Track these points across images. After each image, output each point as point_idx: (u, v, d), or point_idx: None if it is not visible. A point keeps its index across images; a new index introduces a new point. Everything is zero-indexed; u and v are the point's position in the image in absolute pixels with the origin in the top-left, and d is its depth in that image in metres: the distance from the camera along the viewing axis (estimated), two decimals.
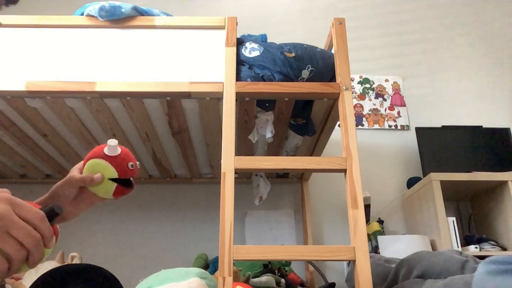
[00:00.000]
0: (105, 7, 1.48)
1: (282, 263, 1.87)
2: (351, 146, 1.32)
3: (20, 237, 0.51)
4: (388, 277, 1.34)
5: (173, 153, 1.99)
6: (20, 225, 0.51)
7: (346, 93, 1.40)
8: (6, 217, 0.50)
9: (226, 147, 1.31)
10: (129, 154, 0.90)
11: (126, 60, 1.46)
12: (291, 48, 1.48)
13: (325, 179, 2.34)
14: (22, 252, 0.51)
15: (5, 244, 0.50)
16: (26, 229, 0.51)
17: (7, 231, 0.50)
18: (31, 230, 0.52)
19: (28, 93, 1.41)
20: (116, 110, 1.56)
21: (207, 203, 2.29)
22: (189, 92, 1.40)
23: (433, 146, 2.24)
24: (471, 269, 1.14)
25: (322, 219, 2.28)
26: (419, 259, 1.27)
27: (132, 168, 0.84)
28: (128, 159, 0.89)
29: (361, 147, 2.38)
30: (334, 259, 1.23)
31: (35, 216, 0.53)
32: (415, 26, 2.77)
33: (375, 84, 2.58)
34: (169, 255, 2.18)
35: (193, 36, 1.50)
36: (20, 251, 0.51)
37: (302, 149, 1.95)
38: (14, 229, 0.50)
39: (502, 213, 2.00)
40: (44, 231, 0.54)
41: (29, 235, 0.52)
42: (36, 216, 0.53)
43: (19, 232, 0.51)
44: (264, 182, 1.96)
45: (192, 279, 1.20)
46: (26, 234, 0.51)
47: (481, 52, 2.72)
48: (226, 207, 1.22)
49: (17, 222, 0.51)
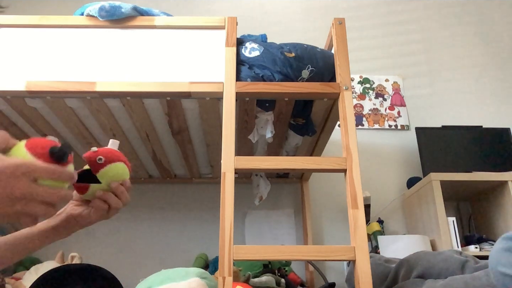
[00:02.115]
0: (105, 7, 1.48)
1: (282, 263, 1.87)
2: (351, 146, 1.32)
3: (46, 199, 0.58)
4: (388, 277, 1.34)
5: (173, 153, 1.99)
6: (41, 192, 0.57)
7: (346, 93, 1.40)
8: (28, 192, 0.56)
9: (226, 147, 1.31)
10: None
11: (126, 60, 1.46)
12: (291, 48, 1.48)
13: (325, 179, 2.34)
14: (50, 209, 0.59)
15: (35, 210, 0.57)
16: (47, 192, 0.58)
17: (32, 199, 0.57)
18: (52, 192, 0.58)
19: (28, 93, 1.41)
20: (116, 110, 1.56)
21: (207, 203, 2.29)
22: (189, 92, 1.40)
23: (433, 146, 2.24)
24: (471, 269, 1.14)
25: (322, 219, 2.28)
26: (419, 259, 1.27)
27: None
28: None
29: (361, 147, 2.38)
30: (334, 259, 1.23)
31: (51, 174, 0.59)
32: (415, 26, 2.77)
33: (375, 84, 2.58)
34: (169, 255, 2.18)
35: (193, 36, 1.50)
36: (47, 209, 0.58)
37: (302, 149, 1.95)
38: (39, 196, 0.57)
39: (502, 213, 2.00)
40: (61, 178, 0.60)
41: (53, 196, 0.58)
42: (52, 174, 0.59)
43: (43, 197, 0.57)
44: (264, 182, 1.96)
45: (192, 279, 1.20)
46: (50, 196, 0.58)
47: (481, 52, 2.72)
48: (226, 207, 1.22)
49: (39, 191, 0.57)
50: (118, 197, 0.77)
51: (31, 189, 0.56)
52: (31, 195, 0.56)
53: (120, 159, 0.78)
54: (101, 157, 0.74)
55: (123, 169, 0.78)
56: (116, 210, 0.78)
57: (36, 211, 0.57)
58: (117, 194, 0.77)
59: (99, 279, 0.93)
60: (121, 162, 0.78)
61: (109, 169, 0.76)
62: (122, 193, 0.77)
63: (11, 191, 0.54)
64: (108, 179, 0.76)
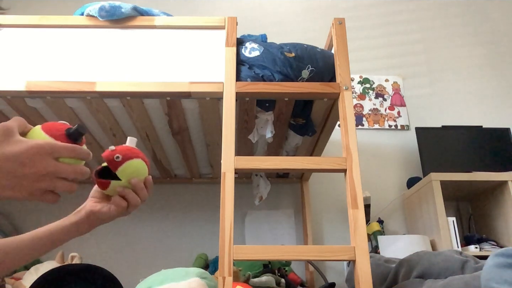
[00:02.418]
0: (105, 7, 1.48)
1: (282, 263, 1.87)
2: (351, 146, 1.32)
3: (68, 176, 0.62)
4: (388, 277, 1.34)
5: (173, 153, 1.99)
6: (63, 168, 0.61)
7: (346, 93, 1.40)
8: (52, 170, 0.60)
9: (226, 147, 1.31)
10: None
11: (126, 60, 1.46)
12: (291, 48, 1.48)
13: (325, 179, 2.34)
14: (72, 186, 0.63)
15: (58, 186, 0.62)
16: (69, 169, 0.62)
17: (55, 176, 0.61)
18: (73, 168, 0.63)
19: (28, 93, 1.41)
20: (116, 110, 1.56)
21: (207, 203, 2.29)
22: (189, 92, 1.40)
23: (433, 146, 2.24)
24: (471, 269, 1.14)
25: (322, 219, 2.28)
26: (419, 259, 1.27)
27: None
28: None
29: (361, 147, 2.38)
30: (334, 259, 1.23)
31: (70, 152, 0.63)
32: (415, 26, 2.77)
33: (375, 84, 2.58)
34: (169, 255, 2.18)
35: (193, 36, 1.50)
36: (70, 185, 0.63)
37: (302, 149, 1.95)
38: (61, 173, 0.61)
39: (502, 213, 2.00)
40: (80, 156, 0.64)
41: (74, 172, 0.63)
42: (72, 152, 0.63)
43: (65, 174, 0.62)
44: (264, 182, 1.96)
45: (192, 279, 1.20)
46: (71, 172, 0.62)
47: (481, 52, 2.72)
48: (226, 207, 1.22)
49: (62, 168, 0.61)
50: (137, 193, 0.79)
51: (55, 166, 0.60)
52: (55, 172, 0.60)
53: (138, 156, 0.80)
54: (118, 155, 0.77)
55: (141, 165, 0.80)
56: (135, 206, 0.80)
57: (60, 186, 0.62)
58: (136, 191, 0.79)
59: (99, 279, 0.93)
60: (139, 159, 0.80)
61: (127, 166, 0.77)
62: (141, 189, 0.79)
63: (37, 170, 0.58)
64: (127, 176, 0.78)
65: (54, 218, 0.85)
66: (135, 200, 0.79)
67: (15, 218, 2.19)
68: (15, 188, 0.58)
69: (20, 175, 0.57)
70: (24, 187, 0.58)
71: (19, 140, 0.59)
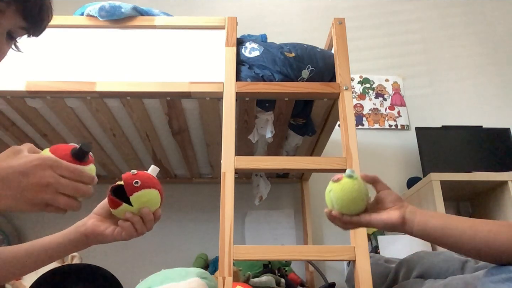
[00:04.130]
0: (105, 7, 1.48)
1: (282, 263, 1.87)
2: (351, 146, 1.32)
3: (68, 192, 0.62)
4: (388, 277, 1.34)
5: (173, 153, 1.99)
6: (66, 184, 0.62)
7: (346, 93, 1.40)
8: (53, 183, 0.60)
9: (226, 147, 1.31)
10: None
11: (126, 60, 1.46)
12: (291, 48, 1.48)
13: (325, 179, 2.32)
14: (74, 203, 0.63)
15: (59, 201, 0.61)
16: (71, 185, 0.62)
17: (57, 191, 0.61)
18: (75, 185, 0.63)
19: (28, 93, 1.41)
20: (116, 110, 1.56)
21: (207, 203, 2.29)
22: (189, 92, 1.40)
23: (433, 146, 2.24)
24: (471, 269, 1.14)
25: (322, 219, 2.28)
26: (419, 259, 1.27)
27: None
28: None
29: (361, 147, 2.37)
30: (334, 259, 1.23)
31: (74, 174, 0.63)
32: (415, 26, 2.77)
33: (375, 84, 2.58)
34: (169, 255, 2.18)
35: (193, 36, 1.50)
36: (71, 202, 0.63)
37: (302, 149, 1.95)
38: (62, 189, 0.61)
39: (502, 213, 2.00)
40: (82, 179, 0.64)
41: (74, 190, 0.63)
42: (75, 173, 0.63)
43: (67, 190, 0.62)
44: (264, 182, 1.96)
45: (192, 279, 1.20)
46: (71, 189, 0.62)
47: (481, 52, 2.72)
48: (226, 207, 1.22)
49: (63, 183, 0.61)
50: (144, 223, 0.78)
51: (55, 179, 0.61)
52: (55, 185, 0.61)
53: (156, 187, 0.79)
54: (137, 180, 0.76)
55: (156, 197, 0.79)
56: (139, 235, 0.79)
57: (60, 202, 0.62)
58: (144, 221, 0.77)
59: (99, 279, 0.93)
60: (156, 190, 0.79)
61: (143, 194, 0.76)
62: (149, 221, 0.78)
63: (38, 180, 0.59)
64: (140, 204, 0.76)
65: (54, 218, 0.85)
66: (141, 230, 0.78)
67: (15, 218, 2.19)
68: (18, 199, 0.58)
69: (22, 185, 0.58)
70: (27, 198, 0.59)
71: (25, 155, 0.61)
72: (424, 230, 0.87)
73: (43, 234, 0.86)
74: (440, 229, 0.85)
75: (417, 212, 0.88)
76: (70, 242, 0.80)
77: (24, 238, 2.14)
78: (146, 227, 0.78)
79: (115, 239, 0.79)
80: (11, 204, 0.58)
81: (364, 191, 0.88)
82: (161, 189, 0.80)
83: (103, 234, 0.79)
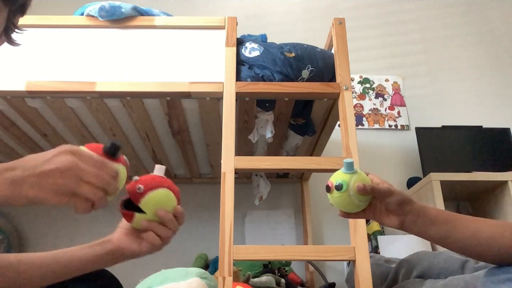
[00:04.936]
0: (105, 7, 1.48)
1: (282, 263, 1.86)
2: (351, 146, 1.32)
3: (93, 181, 0.58)
4: (388, 277, 1.34)
5: (173, 153, 1.99)
6: (88, 171, 0.58)
7: (346, 93, 1.40)
8: (74, 166, 0.57)
9: (226, 147, 1.31)
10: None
11: (126, 60, 1.46)
12: (291, 48, 1.48)
13: (325, 179, 2.32)
14: (99, 193, 0.59)
15: (83, 189, 0.58)
16: (94, 172, 0.58)
17: (80, 179, 0.57)
18: (99, 172, 0.59)
19: (28, 93, 1.41)
20: (116, 110, 1.56)
21: (207, 203, 2.28)
22: (189, 92, 1.40)
23: (433, 146, 2.24)
24: (471, 269, 1.14)
25: (322, 219, 2.28)
26: (419, 259, 1.27)
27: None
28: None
29: (361, 147, 2.37)
30: (334, 259, 1.23)
31: (97, 162, 0.60)
32: (415, 26, 2.77)
33: (375, 84, 2.58)
34: (169, 255, 2.17)
35: (193, 36, 1.50)
36: (97, 192, 0.59)
37: (302, 149, 1.95)
38: (85, 176, 0.58)
39: (502, 213, 2.00)
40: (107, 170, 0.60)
41: (99, 177, 0.59)
42: (98, 162, 0.60)
43: (90, 177, 0.58)
44: (264, 182, 1.96)
45: (192, 279, 1.20)
46: (96, 176, 0.58)
47: (481, 52, 2.72)
48: (226, 207, 1.22)
49: (84, 168, 0.58)
50: (166, 225, 0.74)
51: (77, 164, 0.57)
52: (77, 171, 0.57)
53: (162, 185, 0.74)
54: (139, 185, 0.71)
55: (166, 195, 0.74)
56: (167, 239, 0.75)
57: (85, 190, 0.58)
58: (165, 223, 0.74)
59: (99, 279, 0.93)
60: (164, 188, 0.74)
61: (150, 198, 0.72)
62: (170, 221, 0.74)
63: (60, 165, 0.57)
64: (151, 208, 0.72)
65: (54, 219, 0.84)
66: (165, 233, 0.74)
67: (15, 218, 2.19)
68: (40, 187, 0.56)
69: (44, 171, 0.56)
70: (49, 185, 0.56)
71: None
72: (424, 236, 0.88)
73: (43, 234, 0.86)
74: (441, 237, 0.85)
75: (418, 221, 0.87)
76: (94, 257, 0.77)
77: (24, 238, 2.14)
78: (170, 230, 0.75)
79: (143, 253, 0.76)
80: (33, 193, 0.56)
81: (356, 200, 0.87)
82: (171, 185, 0.76)
83: (130, 249, 0.76)
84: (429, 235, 0.87)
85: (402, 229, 0.88)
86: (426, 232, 0.86)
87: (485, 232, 0.81)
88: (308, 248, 1.75)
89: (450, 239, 0.84)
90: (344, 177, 0.87)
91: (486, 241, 0.80)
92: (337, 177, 0.89)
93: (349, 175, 0.87)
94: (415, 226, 0.87)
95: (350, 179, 0.86)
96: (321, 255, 1.21)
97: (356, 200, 0.86)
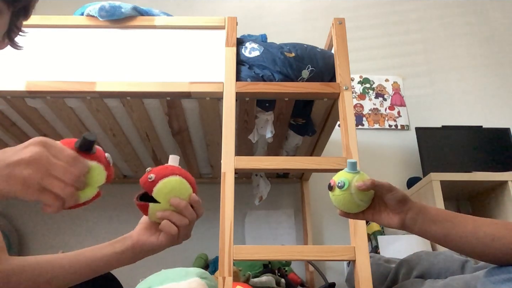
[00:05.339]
0: (105, 7, 1.48)
1: (282, 263, 1.86)
2: (351, 146, 1.32)
3: (61, 175, 0.55)
4: (388, 277, 1.34)
5: (173, 153, 1.98)
6: (57, 164, 0.55)
7: (346, 93, 1.40)
8: (42, 158, 0.54)
9: (226, 147, 1.31)
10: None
11: (126, 60, 1.46)
12: (291, 48, 1.48)
13: (325, 179, 2.33)
14: (69, 189, 0.55)
15: (53, 183, 0.54)
16: (63, 166, 0.55)
17: (48, 172, 0.54)
18: (68, 167, 0.55)
19: (28, 93, 1.41)
20: (116, 110, 1.56)
21: (207, 203, 2.26)
22: (189, 92, 1.40)
23: (433, 146, 2.23)
24: (471, 269, 1.14)
25: (322, 219, 2.28)
26: (419, 259, 1.27)
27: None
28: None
29: (361, 147, 2.37)
30: (334, 259, 1.23)
31: (68, 157, 0.56)
32: (415, 26, 2.77)
33: (375, 84, 2.58)
34: (169, 255, 2.17)
35: (193, 36, 1.50)
36: (67, 189, 0.55)
37: (302, 149, 1.95)
38: (53, 168, 0.54)
39: (502, 213, 2.00)
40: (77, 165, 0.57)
41: (67, 172, 0.55)
42: (69, 157, 0.56)
43: (59, 171, 0.55)
44: (264, 182, 1.96)
45: (192, 279, 1.20)
46: (65, 170, 0.55)
47: (481, 52, 2.72)
48: (226, 207, 1.22)
49: (53, 162, 0.54)
50: (182, 214, 0.72)
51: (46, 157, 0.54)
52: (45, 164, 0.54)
53: (174, 173, 0.72)
54: (151, 175, 0.70)
55: (179, 183, 0.72)
56: (185, 228, 0.73)
57: (54, 185, 0.54)
58: (180, 211, 0.72)
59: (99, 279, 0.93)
60: (176, 175, 0.72)
61: (162, 186, 0.70)
62: (185, 208, 0.72)
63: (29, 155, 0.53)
64: (164, 196, 0.71)
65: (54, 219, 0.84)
66: (181, 222, 0.71)
67: (15, 218, 2.19)
68: (8, 178, 0.53)
69: (12, 162, 0.53)
70: (16, 176, 0.53)
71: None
72: (424, 235, 0.88)
73: (43, 234, 0.86)
74: (441, 236, 0.85)
75: (418, 219, 0.87)
76: (115, 254, 0.75)
77: (24, 239, 2.14)
78: (186, 217, 0.72)
79: (163, 245, 0.75)
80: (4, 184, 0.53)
81: (357, 199, 0.87)
82: (184, 173, 0.74)
83: (149, 242, 0.74)
84: (429, 234, 0.87)
85: (403, 228, 0.88)
86: (426, 231, 0.86)
87: (485, 232, 0.81)
88: (308, 248, 1.75)
89: (450, 238, 0.84)
90: (347, 176, 0.88)
91: (486, 240, 0.80)
92: (340, 176, 0.90)
93: (352, 174, 0.88)
94: (415, 225, 0.87)
95: (353, 179, 0.87)
96: (321, 255, 1.21)
97: (357, 199, 0.87)
